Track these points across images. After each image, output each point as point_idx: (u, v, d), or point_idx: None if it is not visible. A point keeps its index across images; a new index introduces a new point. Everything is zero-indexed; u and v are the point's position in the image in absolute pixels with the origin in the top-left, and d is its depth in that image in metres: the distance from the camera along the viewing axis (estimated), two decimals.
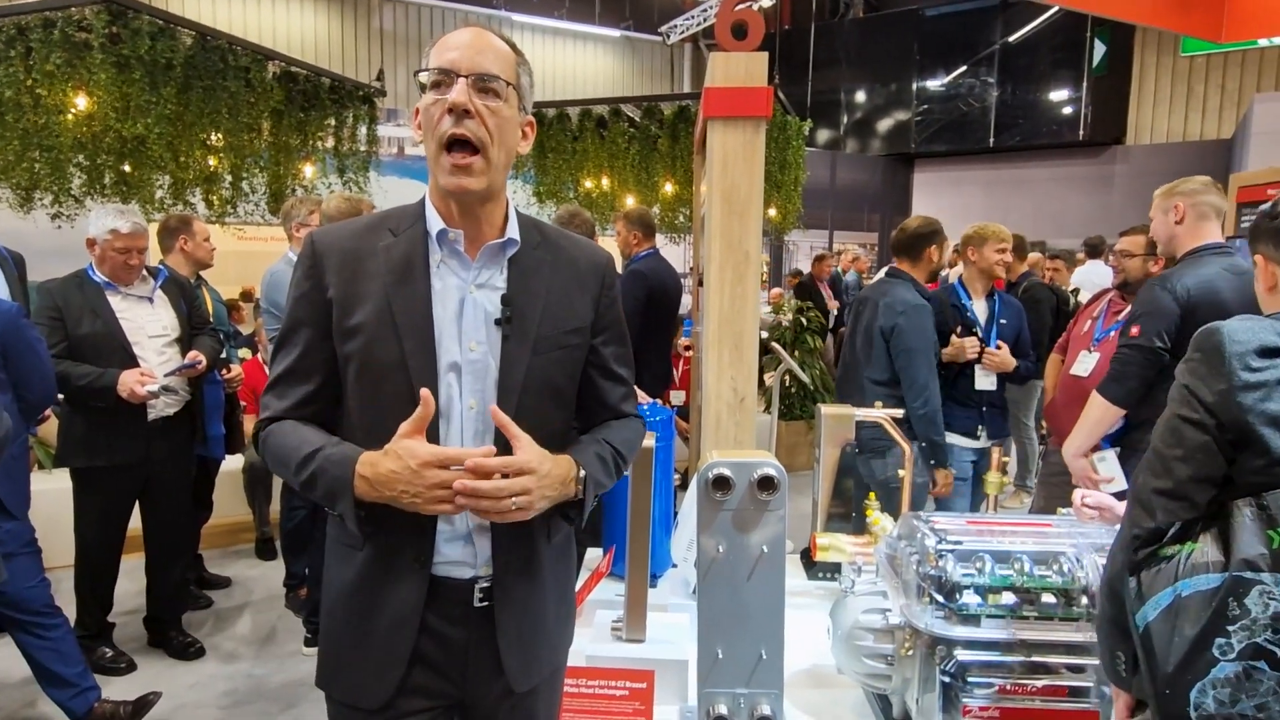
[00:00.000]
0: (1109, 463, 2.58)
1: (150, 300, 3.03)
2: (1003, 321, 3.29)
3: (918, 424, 2.90)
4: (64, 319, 2.82)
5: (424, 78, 1.11)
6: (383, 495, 1.06)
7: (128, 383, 2.78)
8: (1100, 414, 2.53)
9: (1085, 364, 3.02)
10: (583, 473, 1.16)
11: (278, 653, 3.25)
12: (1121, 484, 2.49)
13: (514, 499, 1.05)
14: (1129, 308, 2.98)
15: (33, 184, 4.74)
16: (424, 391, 1.05)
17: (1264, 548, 0.96)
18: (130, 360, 2.88)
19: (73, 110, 4.68)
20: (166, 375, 2.97)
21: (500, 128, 1.11)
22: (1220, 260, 2.43)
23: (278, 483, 4.02)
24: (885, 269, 3.38)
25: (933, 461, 2.97)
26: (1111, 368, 2.51)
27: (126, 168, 4.99)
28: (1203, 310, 2.36)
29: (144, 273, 3.02)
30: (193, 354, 3.04)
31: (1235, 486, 1.03)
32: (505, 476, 1.05)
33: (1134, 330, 2.46)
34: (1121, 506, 1.59)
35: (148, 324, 3.00)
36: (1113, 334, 2.97)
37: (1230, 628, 0.95)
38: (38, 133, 4.61)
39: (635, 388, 1.38)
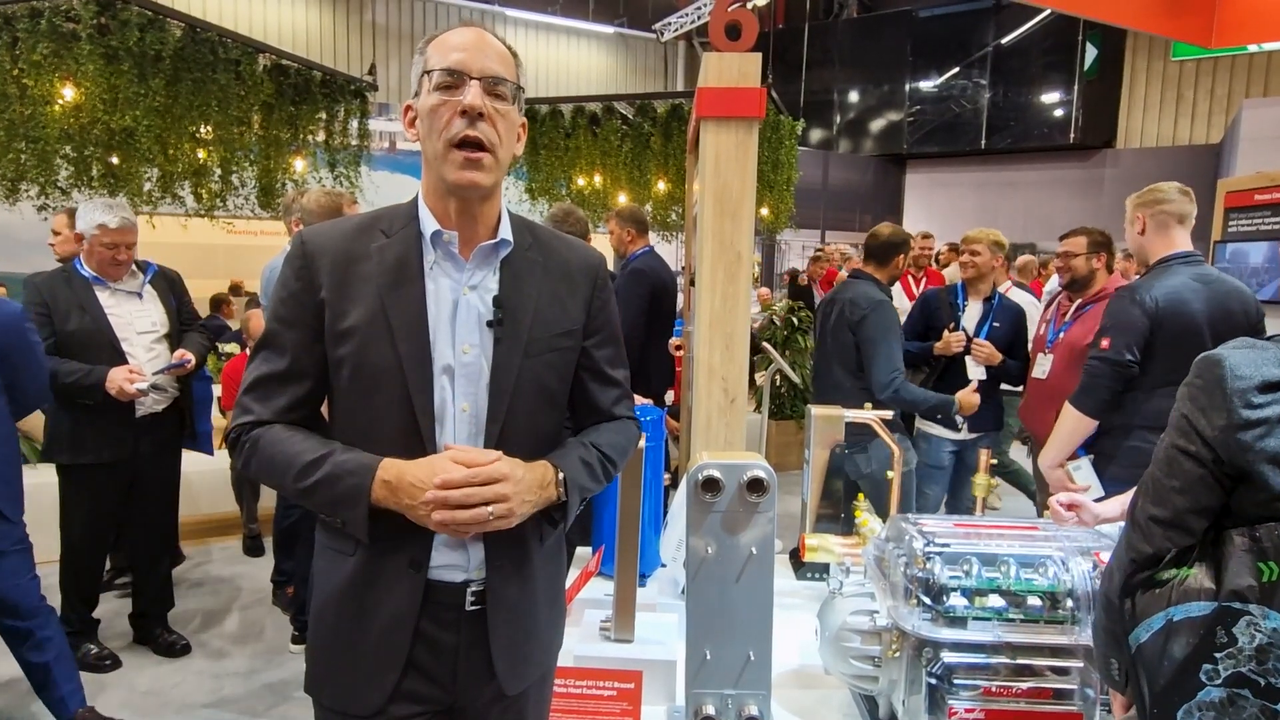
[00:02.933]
0: (1084, 471, 2.61)
1: (139, 296, 3.01)
2: (996, 324, 3.42)
3: (894, 406, 2.97)
4: (51, 314, 2.79)
5: (432, 78, 1.10)
6: (398, 503, 1.06)
7: (116, 380, 2.76)
8: (1073, 425, 2.57)
9: (1042, 366, 3.15)
10: (561, 475, 1.16)
11: (264, 650, 3.24)
12: (1098, 491, 2.51)
13: (490, 507, 1.06)
14: (1074, 306, 3.11)
15: (19, 175, 4.70)
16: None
17: (1253, 580, 0.96)
18: (119, 357, 2.85)
19: (60, 101, 4.64)
20: (155, 373, 2.94)
21: (508, 130, 1.14)
22: (1188, 269, 2.47)
23: None
24: (849, 271, 3.49)
25: (940, 417, 3.22)
26: (1082, 380, 2.56)
27: (114, 160, 4.95)
28: (1170, 321, 2.40)
29: (133, 268, 2.99)
30: (179, 353, 3.01)
31: (1233, 514, 1.03)
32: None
33: (1104, 343, 2.50)
34: (1097, 507, 1.62)
35: (136, 320, 2.97)
36: (1062, 335, 3.09)
37: (1217, 655, 0.96)
38: (24, 123, 4.57)
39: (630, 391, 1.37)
